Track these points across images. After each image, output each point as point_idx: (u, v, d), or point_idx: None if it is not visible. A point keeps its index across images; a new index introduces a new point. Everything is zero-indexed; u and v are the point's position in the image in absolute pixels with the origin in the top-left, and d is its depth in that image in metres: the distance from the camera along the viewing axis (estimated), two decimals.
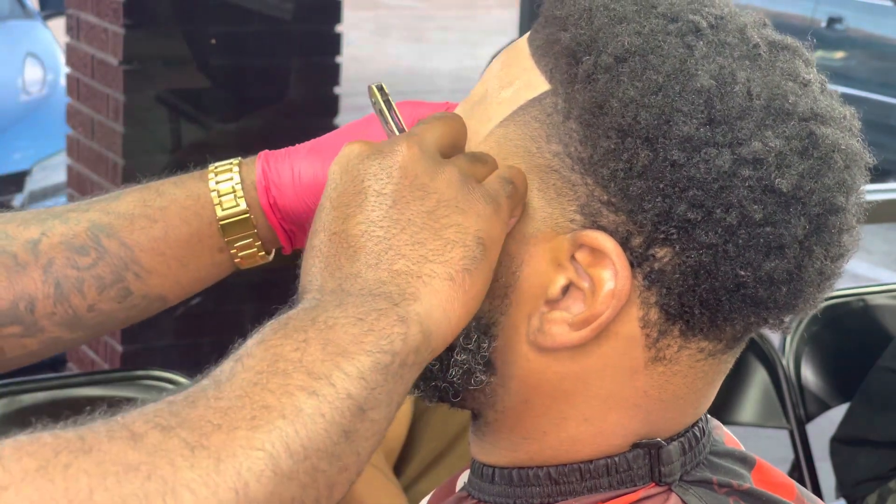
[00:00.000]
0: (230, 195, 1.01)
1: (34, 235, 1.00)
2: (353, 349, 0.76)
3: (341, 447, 0.74)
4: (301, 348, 0.76)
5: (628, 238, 0.83)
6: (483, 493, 0.93)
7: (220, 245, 1.02)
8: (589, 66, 0.84)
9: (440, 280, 0.80)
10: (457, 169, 0.84)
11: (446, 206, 0.82)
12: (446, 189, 0.83)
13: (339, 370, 0.75)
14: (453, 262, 0.81)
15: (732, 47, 0.85)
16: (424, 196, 0.82)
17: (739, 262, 0.83)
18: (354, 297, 0.79)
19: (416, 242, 0.81)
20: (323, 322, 0.77)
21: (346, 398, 0.75)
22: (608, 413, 0.88)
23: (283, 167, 1.02)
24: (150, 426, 0.72)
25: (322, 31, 3.78)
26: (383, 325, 0.78)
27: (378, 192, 0.82)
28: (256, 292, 3.65)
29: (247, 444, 0.71)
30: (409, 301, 0.79)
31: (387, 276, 0.80)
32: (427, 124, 0.87)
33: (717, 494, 0.89)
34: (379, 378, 0.76)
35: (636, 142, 0.82)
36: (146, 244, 1.01)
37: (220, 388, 0.74)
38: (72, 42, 3.85)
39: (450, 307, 0.80)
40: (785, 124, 0.83)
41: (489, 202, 0.83)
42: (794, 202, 0.83)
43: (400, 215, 0.81)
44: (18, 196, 5.48)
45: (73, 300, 1.00)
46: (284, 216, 1.02)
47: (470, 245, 0.82)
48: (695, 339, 0.86)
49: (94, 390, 2.10)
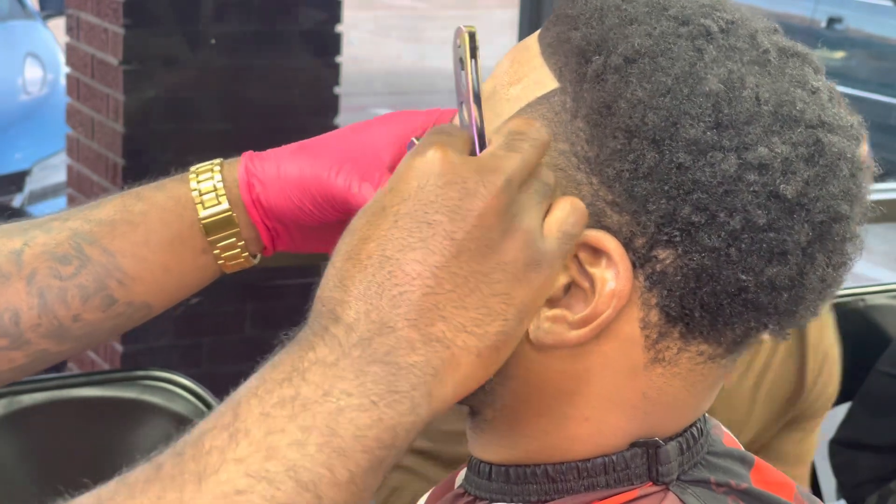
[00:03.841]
0: (212, 194, 1.00)
1: (16, 246, 0.99)
2: (353, 446, 0.74)
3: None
4: (300, 443, 0.74)
5: (631, 239, 0.83)
6: (480, 489, 0.93)
7: (203, 246, 1.01)
8: (598, 65, 0.84)
9: (468, 357, 0.78)
10: (527, 228, 0.79)
11: (503, 273, 0.78)
12: (512, 252, 0.79)
13: (332, 474, 0.73)
14: (488, 337, 0.78)
15: (742, 52, 0.85)
16: (488, 255, 0.78)
17: (742, 266, 0.83)
18: (378, 364, 0.76)
19: (461, 307, 0.77)
20: (335, 401, 0.74)
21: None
22: (607, 413, 0.88)
23: (268, 165, 1.01)
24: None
25: (322, 31, 3.78)
26: (392, 415, 0.75)
27: (448, 234, 0.77)
28: (256, 292, 3.65)
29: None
30: (428, 382, 0.76)
31: (419, 341, 0.76)
32: (517, 153, 0.80)
33: (716, 494, 0.89)
34: (370, 479, 0.75)
35: (643, 143, 0.82)
36: (128, 250, 1.00)
37: (200, 485, 0.72)
38: (72, 42, 3.85)
39: (463, 385, 0.78)
40: (792, 131, 0.83)
41: (546, 268, 0.80)
42: (799, 209, 0.83)
43: (459, 269, 0.77)
44: (18, 196, 5.48)
45: (58, 310, 0.99)
46: (267, 213, 1.01)
47: (510, 319, 0.79)
48: (694, 342, 0.86)
49: (94, 390, 2.10)
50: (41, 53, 6.02)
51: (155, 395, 2.06)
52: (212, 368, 3.66)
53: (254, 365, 0.79)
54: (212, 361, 3.72)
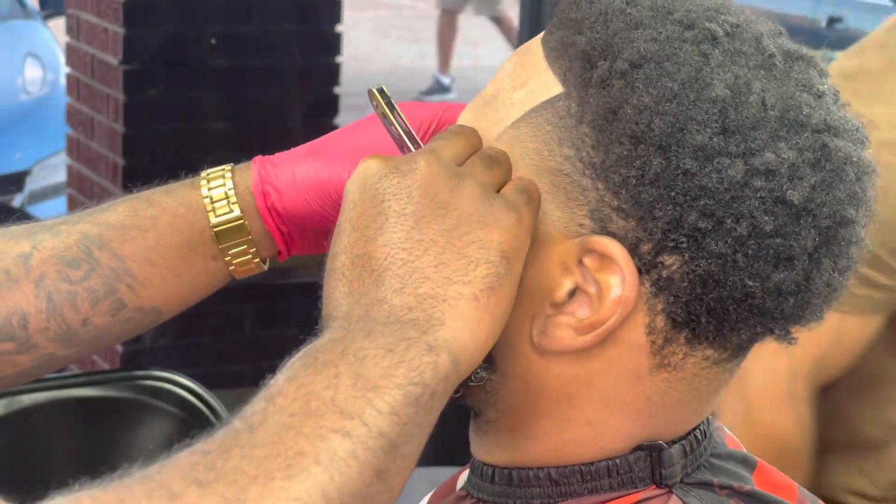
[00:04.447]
0: (223, 201, 1.00)
1: (25, 249, 0.99)
2: (384, 383, 0.76)
3: (374, 488, 0.74)
4: (333, 385, 0.75)
5: (637, 245, 0.83)
6: (482, 492, 0.92)
7: (214, 253, 1.00)
8: (604, 70, 0.84)
9: (465, 302, 0.80)
10: (476, 181, 0.83)
11: (468, 223, 0.81)
12: (467, 204, 0.82)
13: (372, 407, 0.75)
14: (477, 282, 0.80)
15: (748, 56, 0.85)
16: (445, 214, 0.81)
17: (748, 272, 0.82)
18: (382, 325, 0.78)
19: (439, 263, 0.80)
20: (353, 355, 0.77)
21: (378, 437, 0.74)
22: (611, 417, 0.87)
23: (281, 170, 1.00)
24: (187, 483, 0.71)
25: (322, 31, 3.79)
26: (413, 356, 0.77)
27: (399, 212, 0.81)
28: (256, 292, 3.65)
29: (283, 496, 0.71)
30: (436, 328, 0.79)
31: (413, 302, 0.79)
32: (444, 139, 0.86)
33: (719, 496, 0.89)
34: (410, 412, 0.76)
35: (649, 149, 0.82)
36: (138, 254, 0.99)
37: (254, 433, 0.74)
38: (72, 42, 3.85)
39: (476, 329, 0.80)
40: (798, 136, 0.83)
41: (511, 211, 0.83)
42: (805, 214, 0.83)
43: (422, 236, 0.81)
44: (18, 196, 5.48)
45: (67, 314, 0.98)
46: (283, 219, 1.01)
47: (493, 261, 0.81)
48: (700, 348, 0.86)
49: (94, 390, 2.09)
50: (41, 53, 6.02)
51: (155, 396, 2.06)
52: (212, 368, 3.66)
53: (254, 365, 0.79)
54: (212, 361, 3.72)
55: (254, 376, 2.24)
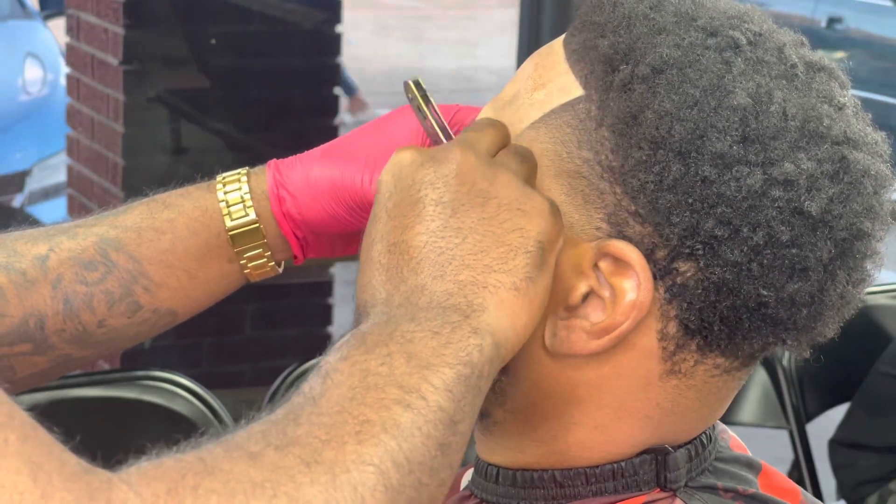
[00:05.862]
0: (239, 205, 1.00)
1: (42, 252, 0.99)
2: (435, 362, 0.76)
3: (438, 461, 0.74)
4: (387, 363, 0.75)
5: (653, 250, 0.83)
6: (487, 492, 0.92)
7: (230, 256, 1.01)
8: (626, 75, 0.84)
9: (506, 290, 0.80)
10: (512, 172, 0.83)
11: (507, 210, 0.81)
12: (506, 192, 0.82)
13: (427, 383, 0.75)
14: (517, 271, 0.80)
15: (770, 66, 0.84)
16: (485, 202, 0.81)
17: (763, 282, 0.82)
18: (425, 310, 0.78)
19: (479, 251, 0.80)
20: (401, 336, 0.77)
21: (437, 411, 0.74)
22: (619, 422, 0.87)
23: (296, 174, 1.00)
24: (263, 445, 0.71)
25: (322, 31, 3.78)
26: (459, 338, 0.77)
27: (436, 201, 0.81)
28: (256, 292, 3.64)
29: (357, 459, 0.71)
30: (478, 313, 0.79)
31: (454, 288, 0.79)
32: (477, 131, 0.86)
33: (723, 499, 0.89)
34: (463, 390, 0.76)
35: (668, 155, 0.82)
36: (154, 257, 1.00)
37: (317, 404, 0.74)
38: (72, 42, 3.85)
39: (516, 318, 0.80)
40: (818, 147, 0.83)
41: (548, 201, 0.83)
42: (822, 226, 0.82)
43: (461, 224, 0.81)
44: (18, 196, 5.48)
45: (83, 316, 0.99)
46: (298, 224, 1.01)
47: (532, 251, 0.81)
48: (711, 355, 0.86)
49: (94, 390, 2.10)
50: (41, 53, 6.02)
51: (155, 395, 2.06)
52: (212, 368, 3.65)
53: (254, 365, 0.80)
54: (212, 361, 3.72)
55: (254, 376, 2.25)
